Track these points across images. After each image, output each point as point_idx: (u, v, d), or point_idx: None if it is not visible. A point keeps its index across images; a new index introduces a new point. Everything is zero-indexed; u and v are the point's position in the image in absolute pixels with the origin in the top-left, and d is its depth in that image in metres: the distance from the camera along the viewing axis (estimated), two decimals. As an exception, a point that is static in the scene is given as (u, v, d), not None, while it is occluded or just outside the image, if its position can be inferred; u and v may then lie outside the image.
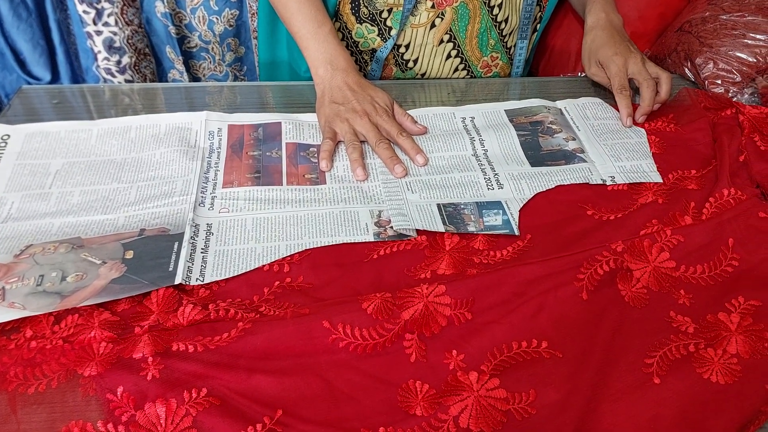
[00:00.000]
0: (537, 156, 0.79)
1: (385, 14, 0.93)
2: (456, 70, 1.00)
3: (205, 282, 0.60)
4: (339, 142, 0.79)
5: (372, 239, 0.66)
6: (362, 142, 0.79)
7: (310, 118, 0.84)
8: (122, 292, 0.57)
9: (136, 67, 1.37)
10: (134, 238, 0.64)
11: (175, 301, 0.57)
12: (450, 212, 0.69)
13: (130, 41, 1.33)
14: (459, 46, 0.97)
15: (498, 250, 0.65)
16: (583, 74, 1.02)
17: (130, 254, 0.61)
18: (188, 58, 1.43)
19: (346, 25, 0.96)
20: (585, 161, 0.77)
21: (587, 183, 0.74)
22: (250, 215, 0.68)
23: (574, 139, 0.81)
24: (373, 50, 0.97)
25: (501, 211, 0.69)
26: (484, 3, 0.93)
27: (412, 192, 0.72)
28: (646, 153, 0.79)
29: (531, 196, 0.71)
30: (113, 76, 1.36)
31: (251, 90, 0.93)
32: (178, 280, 0.58)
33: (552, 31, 1.14)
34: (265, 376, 0.51)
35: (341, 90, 0.82)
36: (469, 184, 0.74)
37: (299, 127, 0.82)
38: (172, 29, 1.36)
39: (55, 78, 1.38)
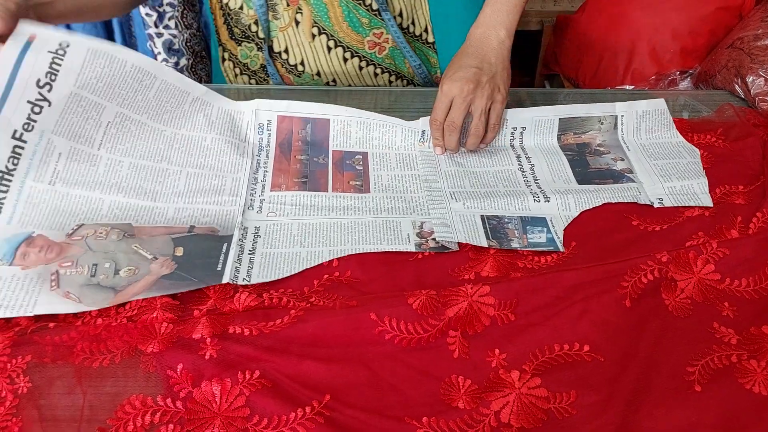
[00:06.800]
0: (585, 173, 0.79)
1: (254, 27, 0.92)
2: (345, 60, 0.95)
3: (251, 283, 0.62)
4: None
5: (413, 249, 0.67)
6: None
7: (360, 114, 0.82)
8: (171, 288, 0.59)
9: (193, 69, 1.42)
10: (184, 234, 0.67)
11: (231, 288, 0.60)
12: (494, 225, 0.70)
13: (188, 44, 1.38)
14: (332, 36, 0.93)
15: (542, 255, 0.66)
16: (632, 87, 1.02)
17: (180, 251, 0.64)
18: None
19: (231, 52, 0.96)
20: (633, 181, 0.77)
21: (635, 203, 0.73)
22: (296, 220, 0.70)
23: (622, 160, 0.81)
24: (263, 66, 0.97)
25: (545, 229, 0.70)
26: None
27: (456, 200, 0.73)
28: (698, 172, 0.78)
29: (577, 213, 0.71)
30: (170, 77, 1.41)
31: (300, 94, 0.96)
32: (225, 280, 0.61)
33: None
34: (314, 362, 0.54)
35: None
36: (515, 195, 0.74)
37: (347, 132, 0.82)
38: (227, 33, 1.40)
39: (115, 78, 1.44)
